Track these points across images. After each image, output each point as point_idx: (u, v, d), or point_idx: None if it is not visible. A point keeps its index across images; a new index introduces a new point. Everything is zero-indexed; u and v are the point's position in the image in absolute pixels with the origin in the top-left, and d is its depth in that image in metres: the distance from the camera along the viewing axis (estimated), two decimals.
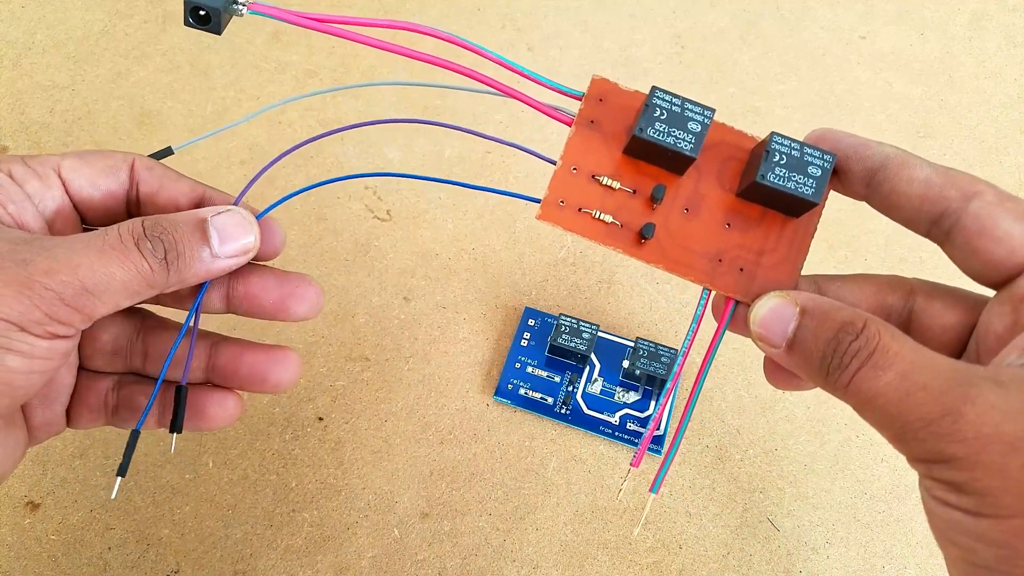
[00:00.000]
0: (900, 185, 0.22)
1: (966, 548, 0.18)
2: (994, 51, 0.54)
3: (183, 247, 0.23)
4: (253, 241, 0.25)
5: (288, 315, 0.27)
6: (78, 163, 0.25)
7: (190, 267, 0.23)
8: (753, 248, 0.24)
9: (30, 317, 0.20)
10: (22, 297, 0.20)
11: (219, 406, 0.27)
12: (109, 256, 0.22)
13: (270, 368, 0.27)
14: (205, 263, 0.24)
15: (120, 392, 0.28)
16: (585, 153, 0.24)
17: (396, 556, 0.37)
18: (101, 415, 0.28)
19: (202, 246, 0.24)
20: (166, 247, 0.23)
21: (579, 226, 0.24)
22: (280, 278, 0.27)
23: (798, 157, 0.23)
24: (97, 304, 0.22)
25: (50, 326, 0.21)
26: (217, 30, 0.22)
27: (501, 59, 0.24)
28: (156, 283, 0.23)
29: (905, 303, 0.24)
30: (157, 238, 0.23)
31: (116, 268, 0.22)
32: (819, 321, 0.21)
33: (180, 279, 0.23)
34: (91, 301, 0.21)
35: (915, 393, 0.19)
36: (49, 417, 0.27)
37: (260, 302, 0.27)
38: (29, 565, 0.36)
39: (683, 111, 0.23)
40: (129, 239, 0.22)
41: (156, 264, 0.22)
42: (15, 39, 0.50)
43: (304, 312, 0.27)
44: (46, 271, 0.21)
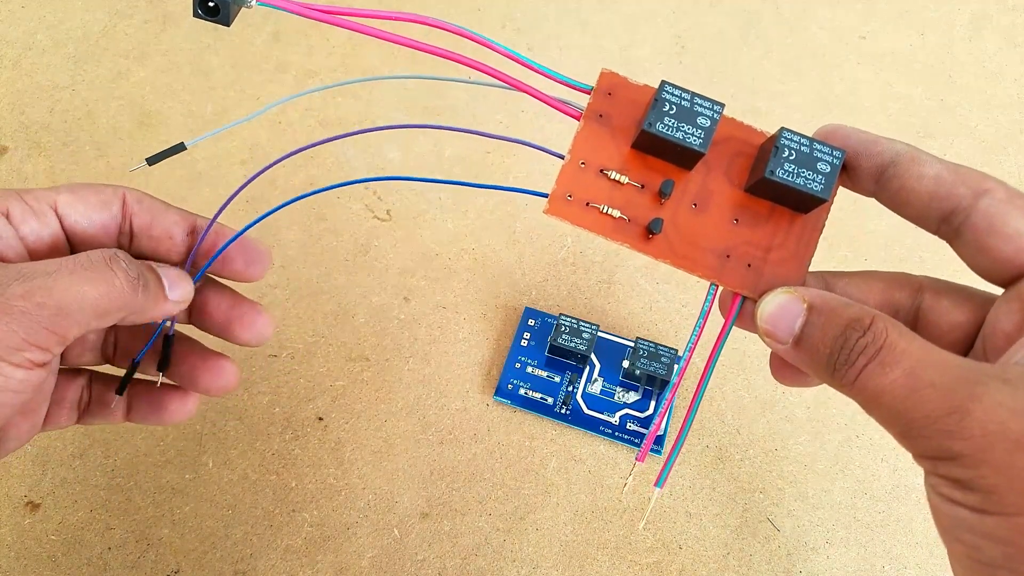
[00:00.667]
0: (910, 182, 0.22)
1: (971, 545, 0.18)
2: (994, 51, 0.54)
3: (150, 281, 0.24)
4: (190, 291, 0.26)
5: (232, 337, 0.29)
6: (73, 199, 0.26)
7: (153, 300, 0.24)
8: (761, 244, 0.24)
9: (8, 343, 0.21)
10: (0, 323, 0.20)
11: (180, 405, 0.29)
12: (81, 276, 0.22)
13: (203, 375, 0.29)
14: (159, 303, 0.25)
15: (93, 388, 0.29)
16: (593, 147, 0.24)
17: (396, 556, 0.37)
18: (74, 412, 0.28)
19: (159, 287, 0.25)
20: (139, 271, 0.24)
21: (587, 221, 0.24)
22: (234, 300, 0.29)
23: (807, 153, 0.23)
24: (71, 325, 0.22)
25: (27, 351, 0.21)
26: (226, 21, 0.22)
27: (510, 52, 0.24)
28: (125, 303, 0.23)
29: (913, 300, 0.24)
30: (131, 261, 0.24)
31: (89, 287, 0.22)
32: (827, 317, 0.21)
33: (142, 307, 0.24)
34: (64, 322, 0.22)
35: (922, 390, 0.19)
36: (33, 422, 0.27)
37: (212, 318, 0.29)
38: (29, 565, 0.36)
39: (692, 106, 0.23)
40: (100, 259, 0.23)
41: (128, 283, 0.23)
42: (15, 39, 0.50)
43: (247, 338, 0.29)
44: (22, 295, 0.21)
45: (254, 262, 0.29)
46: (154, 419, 0.29)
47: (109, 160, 0.46)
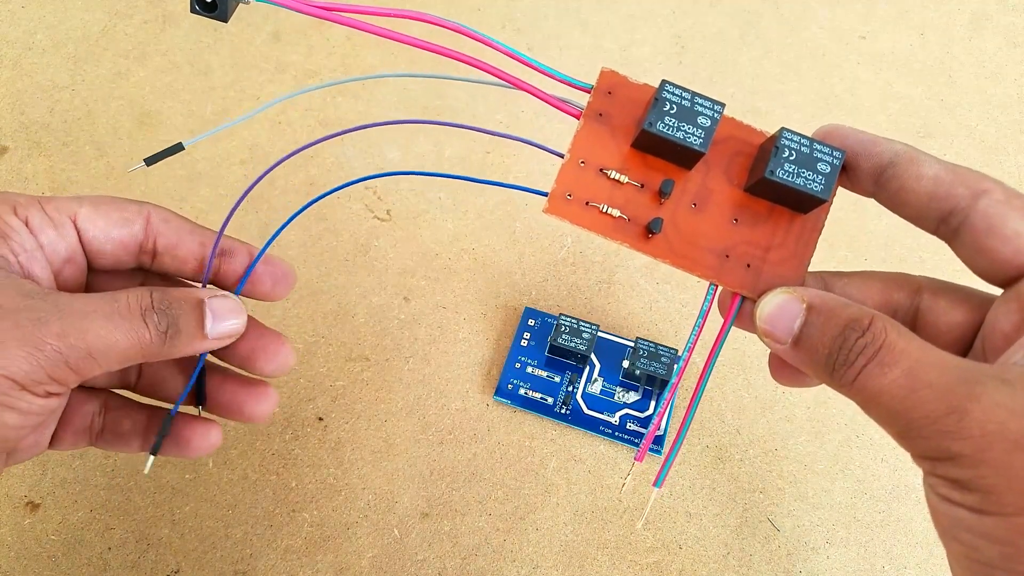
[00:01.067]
0: (909, 182, 0.22)
1: (970, 545, 0.18)
2: (994, 51, 0.54)
3: (183, 324, 0.24)
4: (241, 325, 0.26)
5: (255, 368, 0.28)
6: (93, 213, 0.26)
7: (182, 344, 0.24)
8: (760, 244, 0.24)
9: (33, 377, 0.21)
10: (31, 358, 0.21)
11: (203, 437, 0.28)
12: (116, 323, 0.22)
13: (246, 401, 0.28)
14: (195, 342, 0.25)
15: (106, 416, 0.28)
16: (593, 146, 0.24)
17: (396, 556, 0.37)
18: (85, 437, 0.28)
19: (198, 327, 0.25)
20: (169, 322, 0.24)
21: (586, 220, 0.24)
22: (259, 331, 0.28)
23: (807, 153, 0.23)
24: (94, 367, 0.22)
25: (49, 385, 0.22)
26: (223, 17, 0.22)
27: (510, 50, 0.24)
28: (149, 353, 0.23)
29: (912, 300, 0.24)
30: (163, 312, 0.23)
31: (120, 336, 0.22)
32: (825, 317, 0.21)
33: (170, 353, 0.24)
34: (90, 364, 0.22)
35: (920, 390, 0.19)
36: (37, 439, 0.27)
37: (236, 350, 0.28)
38: (29, 565, 0.36)
39: (693, 105, 0.23)
40: (137, 308, 0.23)
41: (156, 336, 0.23)
42: (15, 39, 0.50)
43: (271, 370, 0.28)
44: (58, 334, 0.21)
45: (280, 281, 0.28)
46: (175, 453, 0.28)
47: (109, 160, 0.46)
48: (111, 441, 0.28)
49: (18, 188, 0.45)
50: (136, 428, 0.28)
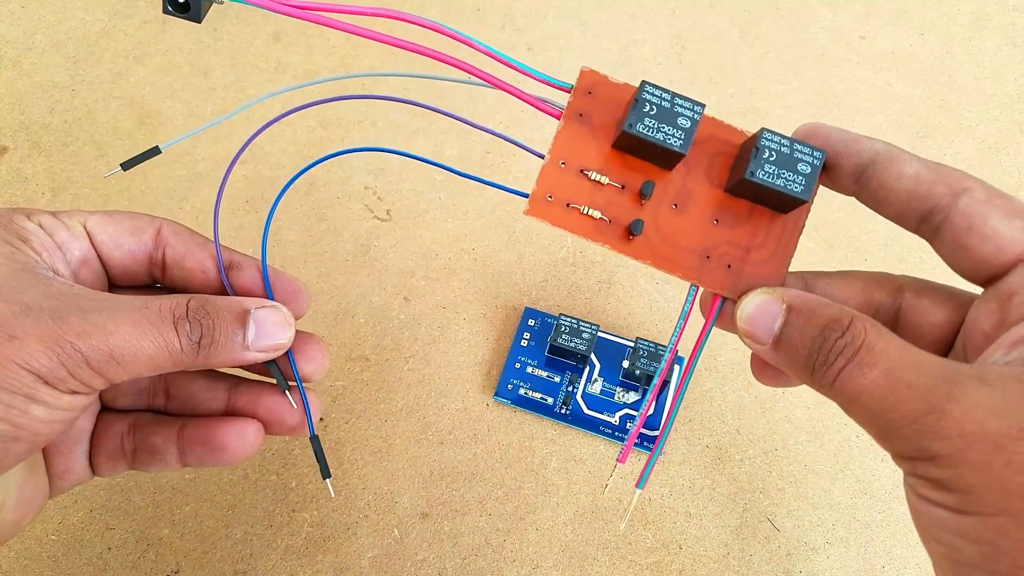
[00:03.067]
0: (889, 181, 0.22)
1: (950, 546, 0.18)
2: (994, 51, 0.54)
3: (219, 335, 0.23)
4: (286, 341, 0.25)
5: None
6: (104, 221, 0.26)
7: (220, 355, 0.24)
8: (741, 244, 0.24)
9: (55, 374, 0.21)
10: (51, 354, 0.21)
11: (239, 437, 0.26)
12: (144, 329, 0.22)
13: (288, 410, 0.27)
14: (235, 353, 0.24)
15: (135, 435, 0.27)
16: (574, 147, 0.24)
17: (396, 556, 0.37)
18: (121, 460, 0.27)
19: (237, 335, 0.24)
20: (203, 332, 0.23)
21: (567, 222, 0.24)
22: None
23: (788, 154, 0.23)
24: (120, 372, 0.22)
25: (71, 384, 0.21)
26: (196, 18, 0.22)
27: (486, 48, 0.23)
28: (181, 363, 0.23)
29: (893, 300, 0.24)
30: (197, 321, 0.23)
31: (147, 342, 0.22)
32: (805, 318, 0.21)
33: (206, 363, 0.24)
34: (115, 368, 0.22)
35: (900, 391, 0.19)
36: (69, 465, 0.26)
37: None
38: (29, 565, 0.36)
39: (673, 106, 0.23)
40: (169, 317, 0.22)
41: (188, 346, 0.23)
42: (15, 39, 0.50)
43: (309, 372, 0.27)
44: (79, 333, 0.21)
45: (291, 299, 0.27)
46: (212, 460, 0.26)
47: (109, 160, 0.46)
48: (146, 460, 0.27)
49: (18, 188, 0.45)
50: (169, 442, 0.27)
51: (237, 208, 0.45)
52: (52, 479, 0.26)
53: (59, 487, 0.26)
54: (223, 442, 0.26)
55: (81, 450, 0.27)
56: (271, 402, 0.27)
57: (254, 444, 0.27)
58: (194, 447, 0.27)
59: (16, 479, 0.24)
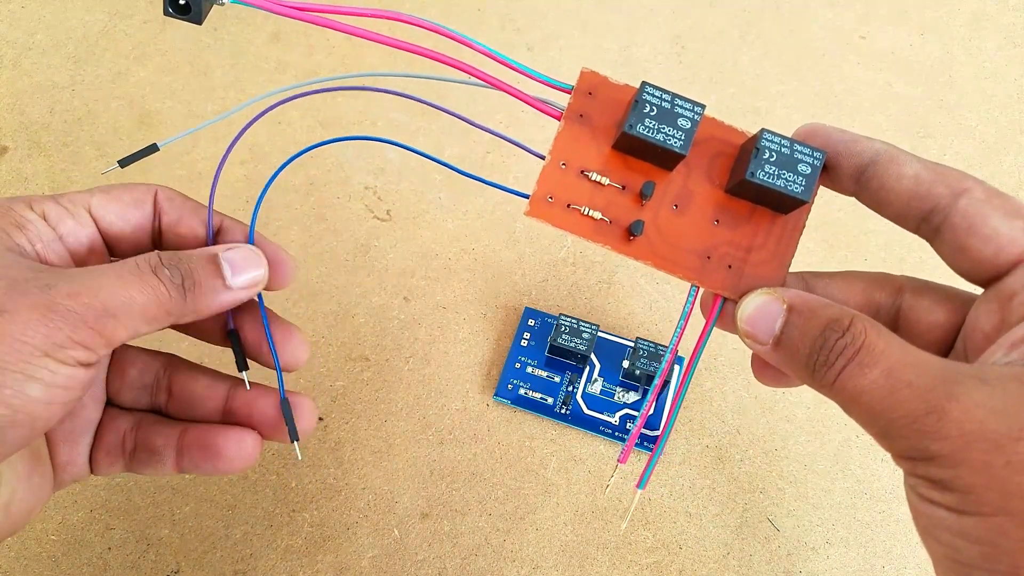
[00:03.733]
0: (889, 181, 0.22)
1: (950, 545, 0.18)
2: (994, 51, 0.54)
3: (199, 276, 0.24)
4: (263, 273, 0.26)
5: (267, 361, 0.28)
6: (106, 199, 0.26)
7: (206, 296, 0.24)
8: (742, 245, 0.24)
9: (54, 340, 0.20)
10: (46, 320, 0.20)
11: (237, 445, 0.27)
12: (128, 280, 0.22)
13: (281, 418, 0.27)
14: (219, 292, 0.24)
15: (138, 434, 0.27)
16: (574, 148, 0.24)
17: (396, 556, 0.37)
18: (119, 458, 0.27)
19: (215, 278, 0.24)
20: (183, 274, 0.23)
21: (568, 223, 0.24)
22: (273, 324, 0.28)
23: (788, 154, 0.23)
24: (118, 327, 0.22)
25: (73, 350, 0.21)
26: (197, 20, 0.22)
27: (486, 49, 0.23)
28: (173, 309, 0.23)
29: (893, 300, 0.24)
30: (174, 267, 0.23)
31: (136, 292, 0.22)
32: (806, 318, 0.21)
33: (196, 307, 0.24)
34: (112, 324, 0.22)
35: (900, 390, 0.19)
36: (73, 456, 0.26)
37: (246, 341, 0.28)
38: (29, 565, 0.36)
39: (673, 107, 0.23)
40: (146, 266, 0.23)
41: (174, 290, 0.23)
42: (15, 39, 0.50)
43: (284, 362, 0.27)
44: (68, 294, 0.21)
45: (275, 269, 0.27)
46: (209, 467, 0.27)
47: (109, 160, 0.46)
48: (144, 461, 0.27)
49: (18, 188, 0.45)
50: (169, 445, 0.27)
51: (238, 208, 0.45)
52: (55, 469, 0.26)
53: (60, 480, 0.26)
54: (221, 448, 0.27)
55: (85, 442, 0.27)
56: (267, 404, 0.28)
57: (251, 454, 0.27)
58: (192, 451, 0.27)
59: (22, 468, 0.24)
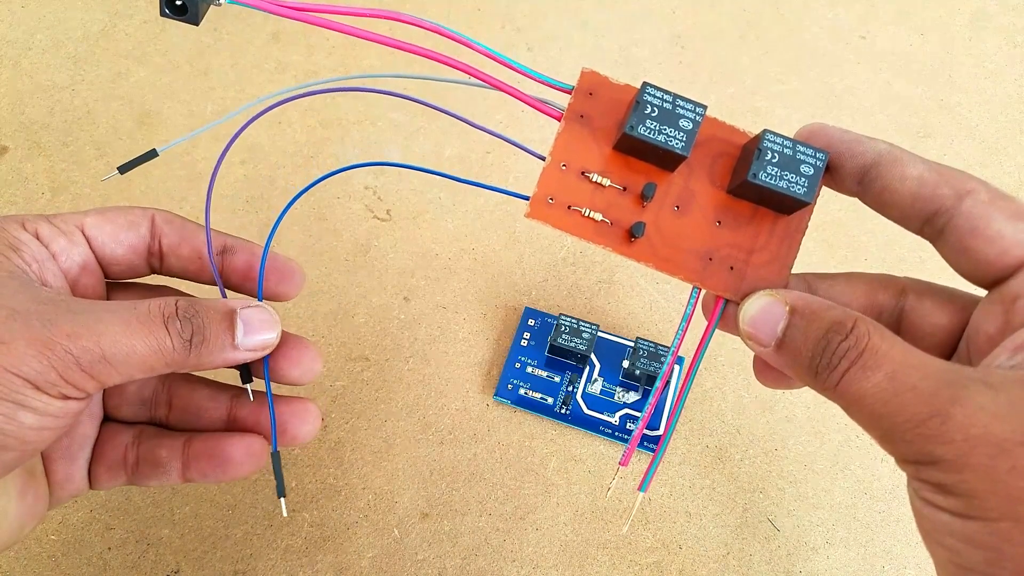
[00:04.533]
0: (892, 183, 0.22)
1: (953, 550, 0.18)
2: (994, 51, 0.54)
3: (210, 333, 0.23)
4: (274, 338, 0.25)
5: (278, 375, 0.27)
6: (100, 220, 0.26)
7: (211, 353, 0.24)
8: (744, 246, 0.24)
9: (45, 378, 0.21)
10: (41, 357, 0.20)
11: (245, 451, 0.27)
12: (135, 329, 0.22)
13: (290, 420, 0.27)
14: (225, 351, 0.24)
15: (140, 447, 0.27)
16: (575, 149, 0.24)
17: (396, 556, 0.37)
18: (121, 472, 0.27)
19: (227, 335, 0.24)
20: (194, 330, 0.23)
21: (568, 224, 0.24)
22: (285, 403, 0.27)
23: (790, 155, 0.23)
24: (112, 374, 0.22)
25: (63, 388, 0.21)
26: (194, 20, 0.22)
27: (486, 49, 0.23)
28: (174, 363, 0.23)
29: (896, 302, 0.24)
30: (187, 320, 0.23)
31: (139, 342, 0.22)
32: (808, 320, 0.21)
33: (198, 363, 0.23)
34: (107, 370, 0.21)
35: (903, 394, 0.18)
36: (71, 473, 0.26)
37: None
38: (29, 565, 0.36)
39: (674, 108, 0.23)
40: (159, 316, 0.22)
41: (180, 345, 0.23)
42: (15, 39, 0.50)
43: (296, 376, 0.27)
44: (69, 334, 0.21)
45: (285, 279, 0.28)
46: (216, 474, 0.26)
47: (109, 160, 0.46)
48: (148, 473, 0.27)
49: (18, 188, 0.45)
50: (174, 456, 0.27)
51: (238, 208, 0.45)
52: (52, 487, 0.26)
53: (57, 497, 0.26)
54: (230, 456, 0.26)
55: (83, 458, 0.27)
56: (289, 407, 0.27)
57: (260, 459, 0.27)
58: (199, 461, 0.27)
59: (15, 486, 0.24)
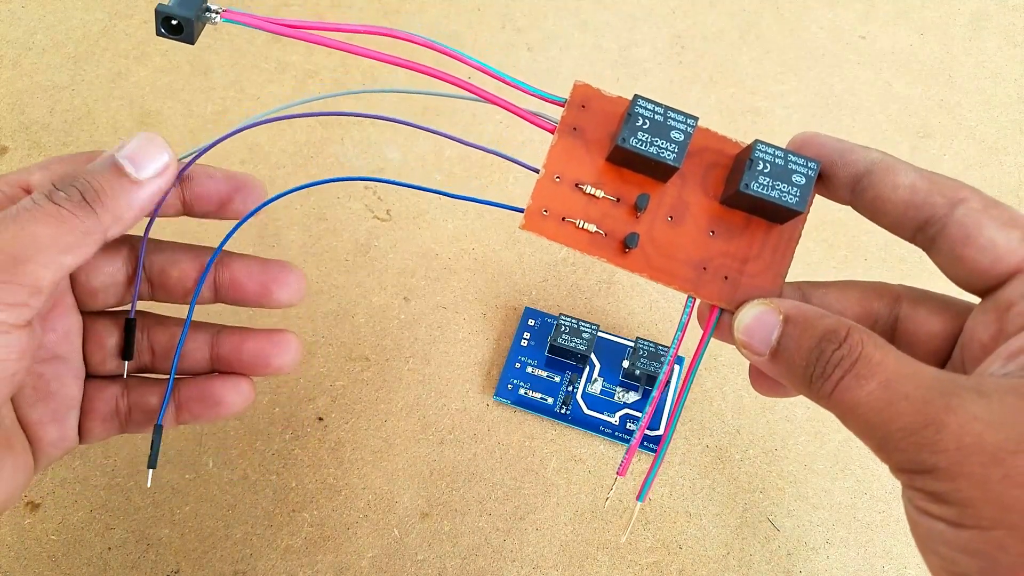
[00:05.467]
0: (885, 191, 0.22)
1: (947, 558, 0.18)
2: (994, 51, 0.54)
3: (99, 183, 0.22)
4: (168, 158, 0.24)
5: (271, 300, 0.28)
6: (45, 175, 0.25)
7: (116, 200, 0.22)
8: (737, 256, 0.24)
9: None
10: None
11: (234, 391, 0.27)
12: (24, 218, 0.21)
13: (271, 351, 0.28)
14: (130, 192, 0.23)
15: (130, 396, 0.28)
16: (568, 161, 0.24)
17: (396, 556, 0.37)
18: (114, 423, 0.27)
19: (119, 178, 0.23)
20: (81, 189, 0.22)
21: (563, 236, 0.24)
22: (262, 264, 0.28)
23: (782, 165, 0.23)
24: (36, 269, 0.21)
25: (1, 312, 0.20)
26: (190, 40, 0.22)
27: (479, 64, 0.24)
28: (89, 228, 0.22)
29: (891, 310, 0.24)
30: (69, 185, 0.22)
31: (37, 227, 0.21)
32: (802, 329, 0.21)
33: (113, 216, 0.22)
34: (26, 268, 0.20)
35: (897, 403, 0.18)
36: (63, 433, 0.26)
37: (244, 289, 0.28)
38: (29, 565, 0.36)
39: (666, 120, 0.23)
40: (40, 196, 0.22)
41: (77, 208, 0.22)
42: (15, 39, 0.50)
43: (287, 297, 0.28)
44: None
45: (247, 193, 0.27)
46: (210, 415, 0.27)
47: None
48: (141, 420, 0.27)
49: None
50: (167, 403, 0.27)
51: None
52: (43, 449, 0.26)
53: (49, 456, 0.26)
54: (220, 397, 0.27)
55: (72, 417, 0.27)
56: (254, 345, 0.28)
57: (249, 396, 0.28)
58: (191, 404, 0.27)
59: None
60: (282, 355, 0.28)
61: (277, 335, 0.28)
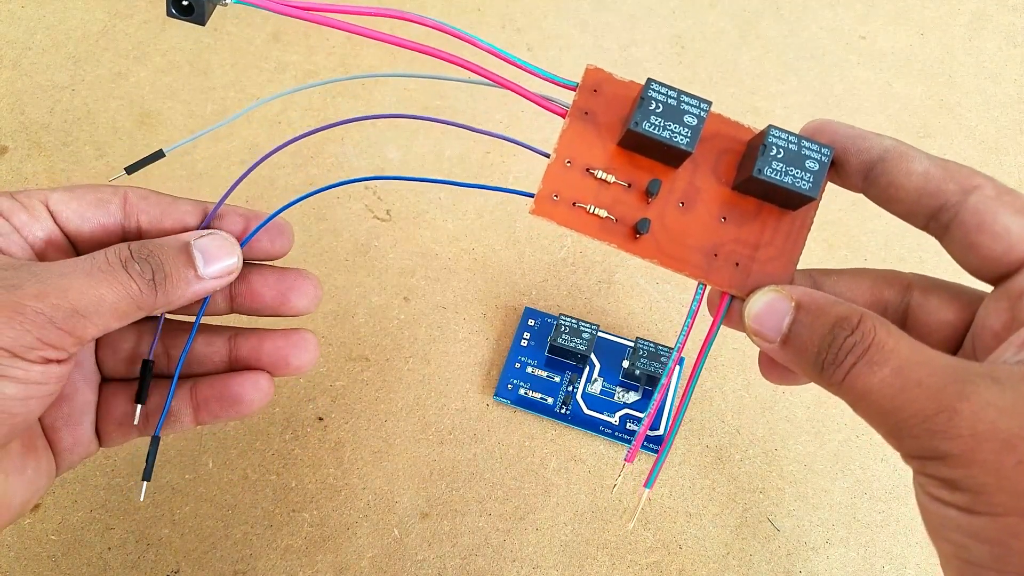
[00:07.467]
0: (898, 178, 0.22)
1: (959, 545, 0.18)
2: (994, 51, 0.54)
3: (170, 268, 0.23)
4: (236, 262, 0.25)
5: (289, 308, 0.28)
6: (66, 196, 0.25)
7: (177, 288, 0.24)
8: (749, 242, 0.24)
9: (22, 342, 0.21)
10: (13, 323, 0.20)
11: (254, 388, 0.27)
12: (98, 278, 0.22)
13: (290, 351, 0.28)
14: (191, 284, 0.24)
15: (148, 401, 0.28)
16: (579, 146, 0.24)
17: (396, 556, 0.37)
18: (132, 427, 0.27)
19: (187, 268, 0.24)
20: (153, 268, 0.23)
21: (573, 221, 0.24)
22: (279, 274, 0.28)
23: (795, 151, 0.22)
24: (88, 326, 0.22)
25: (42, 350, 0.21)
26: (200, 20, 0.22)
27: (490, 47, 0.23)
28: (144, 304, 0.23)
29: (902, 298, 0.24)
30: (144, 260, 0.23)
31: (106, 290, 0.22)
32: (814, 316, 0.21)
33: (168, 300, 0.24)
34: (82, 323, 0.21)
35: (910, 389, 0.18)
36: (78, 437, 0.26)
37: (261, 298, 0.28)
38: (29, 565, 0.36)
39: (679, 104, 0.22)
40: (116, 261, 0.23)
41: (144, 285, 0.23)
42: (15, 39, 0.50)
43: (304, 305, 0.28)
44: (36, 295, 0.21)
45: (277, 236, 0.28)
46: (230, 413, 0.27)
47: (109, 160, 0.46)
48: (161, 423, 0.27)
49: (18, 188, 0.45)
50: (183, 403, 0.27)
51: None
52: (61, 454, 0.26)
53: (69, 461, 0.26)
54: (239, 394, 0.27)
55: (88, 423, 0.27)
56: (272, 346, 0.28)
57: (267, 393, 0.27)
58: (210, 404, 0.27)
59: (12, 462, 0.24)
60: (301, 354, 0.28)
61: (295, 334, 0.28)
